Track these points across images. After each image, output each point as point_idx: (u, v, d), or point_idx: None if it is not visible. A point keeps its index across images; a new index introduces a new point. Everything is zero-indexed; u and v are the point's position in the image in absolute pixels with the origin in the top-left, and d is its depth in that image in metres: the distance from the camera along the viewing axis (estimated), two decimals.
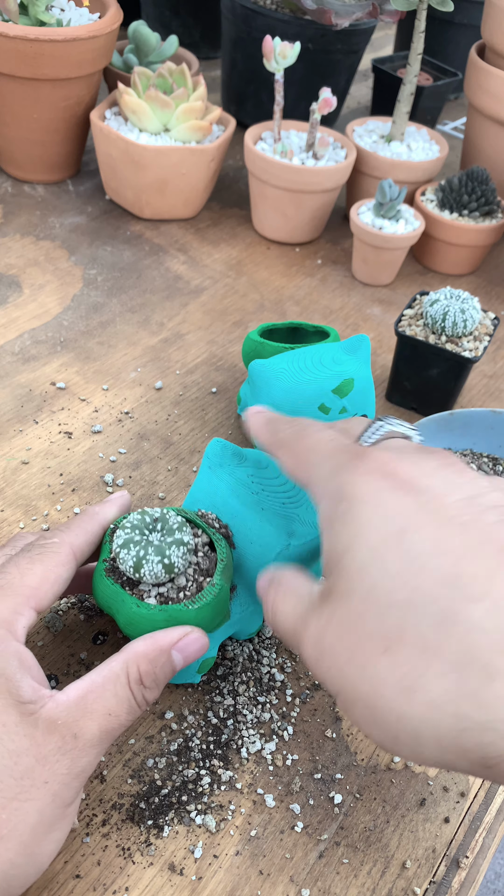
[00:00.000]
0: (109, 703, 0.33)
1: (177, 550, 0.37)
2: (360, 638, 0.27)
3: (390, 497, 0.28)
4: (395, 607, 0.26)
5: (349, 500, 0.29)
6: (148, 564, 0.36)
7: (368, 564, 0.27)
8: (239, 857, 0.37)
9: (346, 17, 0.77)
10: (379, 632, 0.26)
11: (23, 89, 0.71)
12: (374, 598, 0.27)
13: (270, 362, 0.49)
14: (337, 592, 0.28)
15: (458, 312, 0.57)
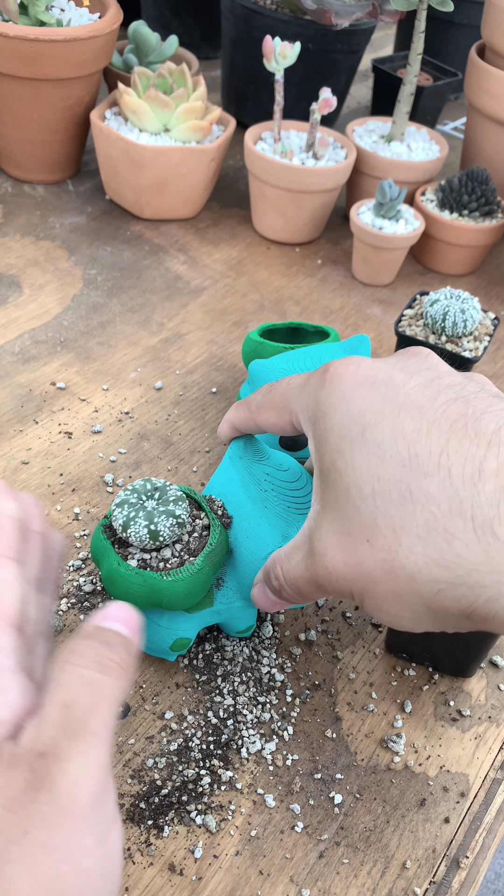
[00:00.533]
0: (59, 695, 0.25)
1: (165, 520, 0.38)
2: (349, 537, 0.29)
3: (354, 397, 0.30)
4: (367, 500, 0.29)
5: (322, 417, 0.31)
6: (135, 526, 0.38)
7: (343, 469, 0.30)
8: (239, 858, 0.37)
9: (346, 17, 0.77)
10: (360, 527, 0.29)
11: (23, 89, 0.71)
12: (351, 498, 0.29)
13: (270, 362, 0.49)
14: (328, 503, 0.30)
15: (458, 312, 0.57)
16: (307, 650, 0.46)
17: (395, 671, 0.45)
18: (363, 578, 0.29)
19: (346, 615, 0.48)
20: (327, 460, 0.30)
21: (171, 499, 0.39)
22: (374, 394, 0.30)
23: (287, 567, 0.33)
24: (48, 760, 0.23)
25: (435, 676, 0.45)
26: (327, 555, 0.30)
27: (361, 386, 0.30)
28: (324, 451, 0.31)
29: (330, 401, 0.31)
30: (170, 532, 0.38)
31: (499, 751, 0.43)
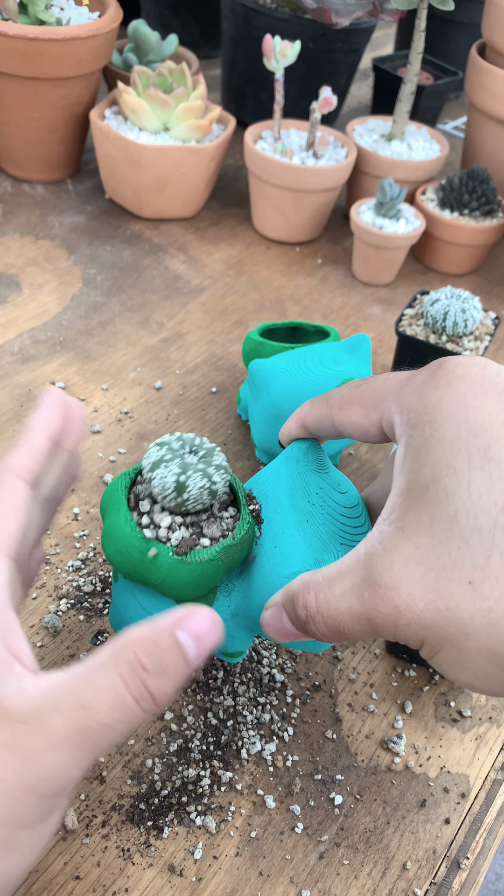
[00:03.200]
0: (85, 693, 0.24)
1: (199, 479, 0.33)
2: (442, 574, 0.24)
3: (478, 405, 0.25)
4: (482, 532, 0.23)
5: (431, 421, 0.26)
6: (164, 470, 0.32)
7: (454, 490, 0.24)
8: (239, 859, 0.37)
9: (347, 15, 0.77)
10: (462, 563, 0.23)
11: (22, 88, 0.71)
12: (458, 526, 0.24)
13: (270, 362, 0.49)
14: (416, 527, 0.25)
15: (459, 312, 0.57)
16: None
17: (396, 672, 0.45)
18: (450, 627, 0.24)
19: None
20: (427, 474, 0.25)
21: (215, 463, 0.34)
22: (501, 404, 0.25)
23: (327, 596, 0.27)
24: (29, 734, 0.23)
25: (435, 677, 0.45)
26: (401, 589, 0.25)
27: (488, 392, 0.25)
28: (424, 462, 0.25)
29: (443, 404, 0.26)
30: (198, 493, 0.33)
31: (499, 752, 0.43)
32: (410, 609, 0.24)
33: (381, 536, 0.26)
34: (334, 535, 0.34)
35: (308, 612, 0.28)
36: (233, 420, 0.59)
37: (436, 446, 0.25)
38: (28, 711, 0.24)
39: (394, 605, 0.25)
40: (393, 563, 0.25)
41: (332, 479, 0.36)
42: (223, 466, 0.34)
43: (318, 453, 0.36)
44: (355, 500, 0.36)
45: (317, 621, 0.28)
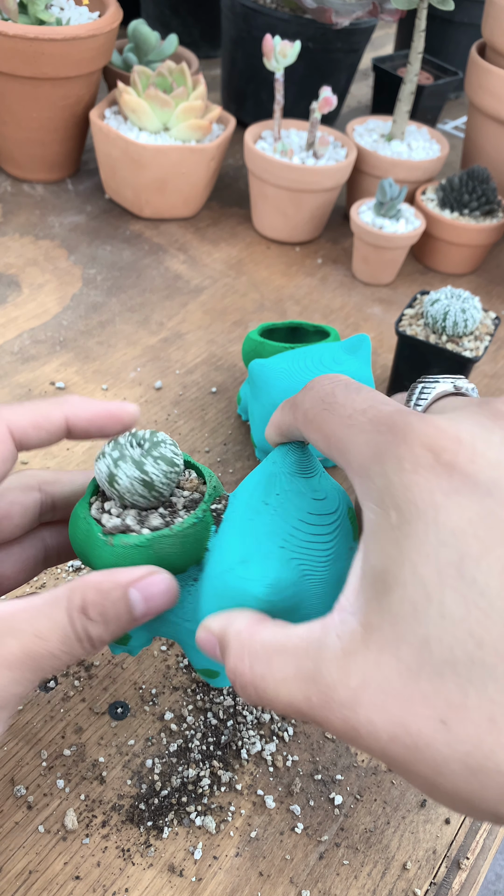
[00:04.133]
0: (40, 624, 0.28)
1: (157, 464, 0.32)
2: (411, 704, 0.21)
3: (449, 505, 0.21)
4: (454, 666, 0.21)
5: (398, 510, 0.22)
6: (121, 472, 0.32)
7: (422, 607, 0.21)
8: (239, 859, 0.37)
9: (347, 15, 0.77)
10: (434, 697, 0.21)
11: (22, 88, 0.71)
12: (429, 653, 0.21)
13: (270, 362, 0.49)
14: (380, 637, 0.22)
15: (459, 312, 0.57)
16: None
17: None
18: (421, 766, 0.21)
19: None
20: (393, 572, 0.22)
21: (154, 454, 0.32)
22: (475, 506, 0.21)
23: (264, 674, 0.24)
24: None
25: None
26: (359, 713, 0.22)
27: (459, 490, 0.22)
28: (389, 554, 0.22)
29: (410, 496, 0.22)
30: (128, 484, 0.32)
31: None
32: (372, 736, 0.22)
33: (341, 627, 0.23)
34: (276, 539, 0.30)
35: (237, 679, 0.25)
36: (233, 420, 0.59)
37: (402, 541, 0.22)
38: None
39: (351, 726, 0.22)
40: (350, 678, 0.22)
41: (311, 484, 0.32)
42: (165, 458, 0.32)
43: (299, 456, 0.33)
44: (331, 509, 0.31)
45: (247, 692, 0.25)
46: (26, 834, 0.36)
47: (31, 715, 0.40)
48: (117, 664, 0.43)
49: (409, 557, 0.22)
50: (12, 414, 0.31)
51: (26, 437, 0.32)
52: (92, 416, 0.33)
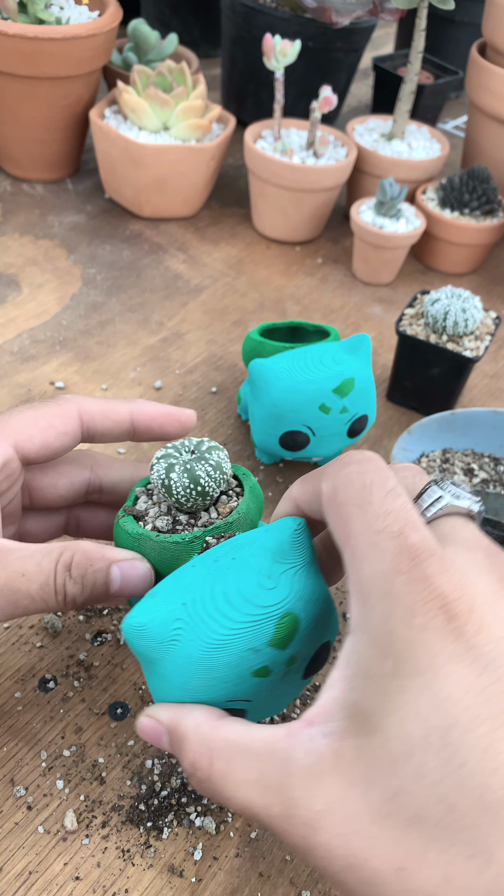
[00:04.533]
0: (28, 566, 0.31)
1: (205, 466, 0.34)
2: (370, 845, 0.22)
3: (448, 671, 0.22)
4: (421, 822, 0.21)
5: (397, 661, 0.23)
6: (174, 474, 0.34)
7: (401, 761, 0.22)
8: (239, 860, 0.37)
9: (347, 15, 0.77)
10: (395, 846, 0.21)
11: (22, 88, 0.71)
12: (398, 805, 0.22)
13: (270, 362, 0.49)
14: (350, 771, 0.23)
15: (460, 312, 0.57)
16: None
17: None
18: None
19: (346, 616, 0.48)
20: (377, 712, 0.23)
21: (211, 461, 0.35)
22: (473, 677, 0.22)
23: (224, 773, 0.25)
24: None
25: None
26: (320, 836, 0.22)
27: (461, 658, 0.22)
28: (379, 706, 0.23)
29: (413, 653, 0.23)
30: (184, 491, 0.34)
31: None
32: (327, 860, 0.22)
33: (309, 745, 0.23)
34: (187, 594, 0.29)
35: (195, 773, 0.26)
36: (233, 420, 0.59)
37: (395, 694, 0.22)
38: None
39: (308, 844, 0.23)
40: (315, 801, 0.23)
41: (271, 570, 0.30)
42: (218, 466, 0.34)
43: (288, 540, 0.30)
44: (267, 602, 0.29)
45: (204, 787, 0.26)
46: (26, 834, 0.36)
47: (31, 715, 0.40)
48: (117, 665, 0.43)
49: (398, 711, 0.22)
50: (84, 400, 0.36)
51: (93, 423, 0.36)
52: (155, 414, 0.37)
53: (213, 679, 0.29)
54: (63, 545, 0.32)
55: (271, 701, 0.32)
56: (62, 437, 0.36)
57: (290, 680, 0.31)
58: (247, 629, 0.29)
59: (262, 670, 0.29)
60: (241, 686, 0.29)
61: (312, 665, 0.32)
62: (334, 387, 0.48)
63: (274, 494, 0.54)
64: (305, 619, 0.30)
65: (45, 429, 0.35)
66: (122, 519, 0.35)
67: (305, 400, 0.48)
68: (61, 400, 0.36)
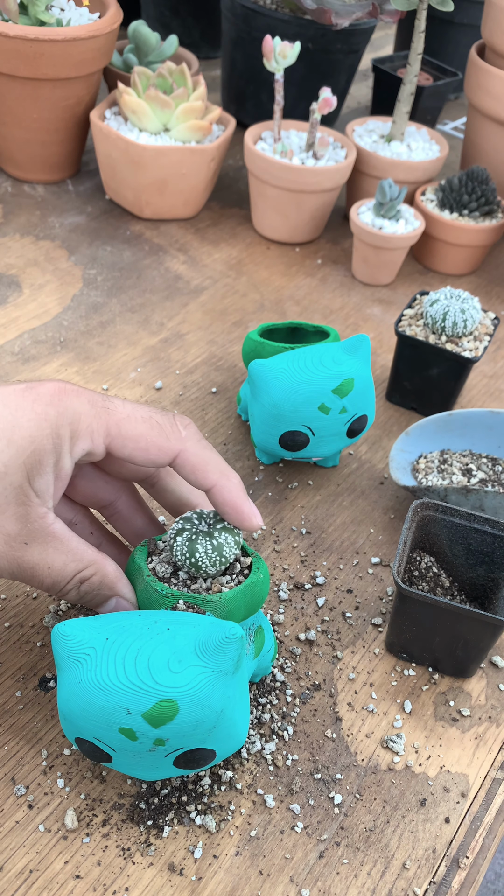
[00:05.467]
0: (56, 562, 0.35)
1: (224, 537, 0.36)
2: None
3: None
4: None
5: None
6: (201, 547, 0.36)
7: None
8: (239, 858, 0.37)
9: (346, 16, 0.77)
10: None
11: (23, 89, 0.71)
12: None
13: (270, 362, 0.49)
14: None
15: (459, 312, 0.57)
16: (307, 650, 0.45)
17: (396, 671, 0.45)
18: None
19: (346, 615, 0.48)
20: None
21: (219, 527, 0.37)
22: None
23: None
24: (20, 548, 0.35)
25: (435, 677, 0.45)
26: None
27: None
28: None
29: None
30: (207, 560, 0.36)
31: (499, 751, 0.43)
32: None
33: None
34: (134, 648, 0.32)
35: None
36: (233, 420, 0.59)
37: None
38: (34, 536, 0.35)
39: None
40: None
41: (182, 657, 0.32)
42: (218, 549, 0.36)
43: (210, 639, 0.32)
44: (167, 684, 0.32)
45: None
46: (27, 833, 0.37)
47: (32, 714, 0.41)
48: None
49: None
50: (190, 447, 0.37)
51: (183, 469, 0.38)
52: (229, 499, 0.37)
53: (86, 713, 0.32)
54: (92, 560, 0.36)
55: (138, 764, 0.34)
56: (147, 462, 0.37)
57: (156, 757, 0.34)
58: (131, 691, 0.32)
59: (128, 732, 0.32)
60: (106, 732, 0.33)
61: (185, 760, 0.34)
62: (334, 387, 0.48)
63: (273, 494, 0.54)
64: (187, 715, 0.32)
65: (141, 449, 0.36)
66: (141, 546, 0.38)
67: (305, 400, 0.48)
68: (174, 434, 0.37)
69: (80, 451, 0.35)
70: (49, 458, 0.34)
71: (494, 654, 0.47)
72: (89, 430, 0.35)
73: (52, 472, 0.35)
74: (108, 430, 0.36)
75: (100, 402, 0.36)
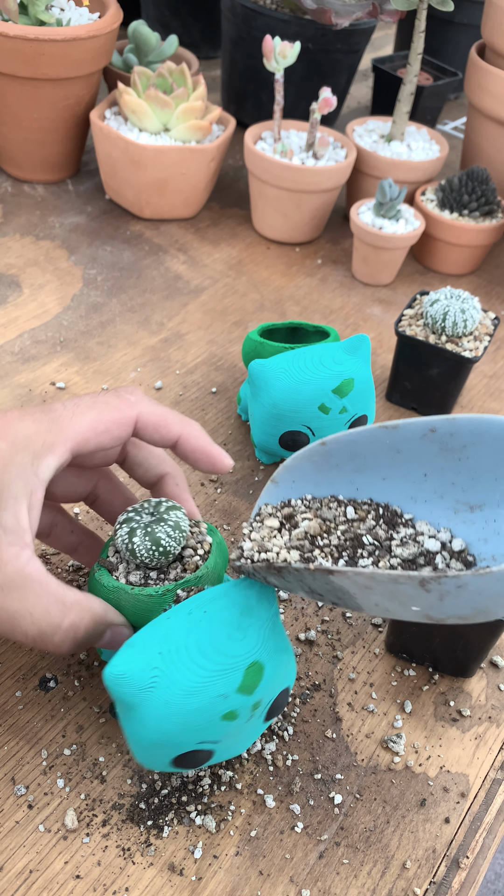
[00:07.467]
0: (38, 610, 0.33)
1: (165, 528, 0.36)
2: None
3: None
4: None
5: None
6: (137, 539, 0.36)
7: None
8: (239, 858, 0.37)
9: (346, 16, 0.77)
10: None
11: (23, 89, 0.71)
12: None
13: (270, 362, 0.49)
14: None
15: (459, 312, 0.57)
16: (307, 650, 0.45)
17: (396, 671, 0.45)
18: None
19: (346, 615, 0.48)
20: None
21: (170, 523, 0.37)
22: None
23: None
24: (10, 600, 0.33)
25: (435, 676, 0.45)
26: None
27: None
28: None
29: None
30: (147, 553, 0.36)
31: (499, 751, 0.43)
32: None
33: None
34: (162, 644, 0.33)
35: None
36: (233, 420, 0.59)
37: None
38: (9, 580, 0.32)
39: None
40: None
41: (240, 623, 0.33)
42: (176, 526, 0.36)
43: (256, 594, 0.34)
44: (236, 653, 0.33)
45: None
46: (27, 833, 0.37)
47: (32, 714, 0.41)
48: None
49: None
50: (145, 407, 0.37)
51: (144, 432, 0.38)
52: (198, 446, 0.38)
53: (187, 723, 0.32)
54: (76, 602, 0.34)
55: (235, 742, 0.35)
56: (113, 442, 0.37)
57: (254, 723, 0.35)
58: (217, 677, 0.32)
59: (230, 714, 0.33)
60: (210, 729, 0.33)
61: (273, 709, 0.35)
62: (334, 387, 0.48)
63: None
64: (269, 666, 0.34)
65: (101, 433, 0.36)
66: (98, 572, 0.37)
67: (305, 400, 0.48)
68: (124, 403, 0.37)
69: (47, 471, 0.34)
70: (9, 492, 0.33)
71: (494, 654, 0.47)
72: (48, 447, 0.34)
73: (23, 503, 0.33)
74: (65, 437, 0.35)
75: (44, 415, 0.35)
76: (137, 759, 0.35)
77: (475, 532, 0.34)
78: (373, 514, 0.36)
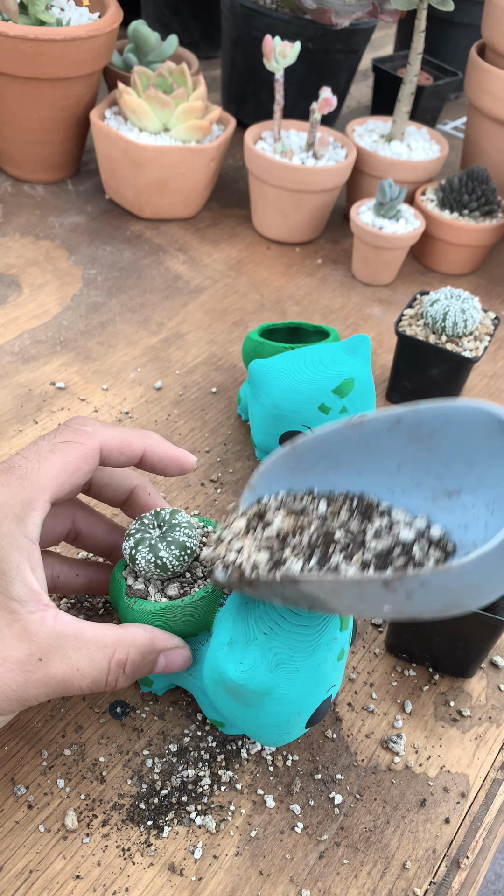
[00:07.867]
0: (82, 662, 0.33)
1: (170, 549, 0.37)
2: None
3: None
4: None
5: None
6: (139, 555, 0.37)
7: None
8: (239, 858, 0.37)
9: (347, 16, 0.77)
10: None
11: (23, 89, 0.71)
12: None
13: (270, 362, 0.49)
14: None
15: (459, 312, 0.57)
16: None
17: (396, 671, 0.45)
18: None
19: None
20: None
21: (168, 539, 0.37)
22: None
23: None
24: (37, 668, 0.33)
25: (435, 677, 0.45)
26: None
27: None
28: None
29: None
30: (145, 565, 0.37)
31: (499, 751, 0.43)
32: None
33: None
34: (262, 625, 0.33)
35: None
36: (233, 420, 0.59)
37: None
38: (43, 646, 0.32)
39: None
40: None
41: None
42: (177, 543, 0.37)
43: None
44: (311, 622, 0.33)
45: None
46: (27, 833, 0.37)
47: (32, 714, 0.40)
48: None
49: None
50: (105, 434, 0.37)
51: (111, 457, 0.38)
52: (163, 455, 0.39)
53: (317, 679, 0.33)
54: (117, 638, 0.34)
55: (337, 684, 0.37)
56: (85, 477, 0.37)
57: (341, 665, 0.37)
58: (321, 629, 0.33)
59: (341, 653, 0.35)
60: (333, 674, 0.34)
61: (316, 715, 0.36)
62: (334, 387, 0.48)
63: None
64: None
65: (72, 473, 0.36)
66: (137, 604, 0.37)
67: (305, 400, 0.48)
68: (84, 436, 0.36)
69: (35, 529, 0.34)
70: (9, 564, 0.32)
71: (495, 654, 0.47)
72: (27, 505, 0.34)
73: (26, 569, 0.33)
74: (40, 489, 0.34)
75: (10, 475, 0.34)
76: (269, 742, 0.36)
77: (455, 519, 0.33)
78: (347, 505, 0.35)
